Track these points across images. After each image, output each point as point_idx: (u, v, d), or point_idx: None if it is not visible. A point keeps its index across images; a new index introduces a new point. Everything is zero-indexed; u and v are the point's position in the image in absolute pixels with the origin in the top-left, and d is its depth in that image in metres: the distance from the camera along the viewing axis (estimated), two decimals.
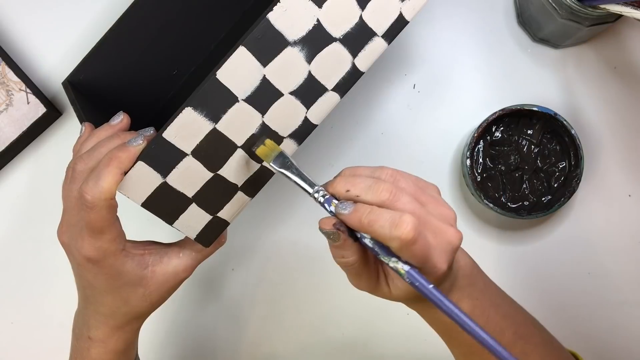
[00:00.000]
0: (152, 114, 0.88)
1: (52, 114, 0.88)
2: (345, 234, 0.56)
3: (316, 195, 0.58)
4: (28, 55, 0.91)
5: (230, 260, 0.93)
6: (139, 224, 0.71)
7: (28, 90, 0.86)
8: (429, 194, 0.58)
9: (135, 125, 0.67)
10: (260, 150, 0.62)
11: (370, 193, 0.55)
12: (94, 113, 0.77)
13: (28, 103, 0.86)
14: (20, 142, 0.89)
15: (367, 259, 0.59)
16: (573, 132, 0.83)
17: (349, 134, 0.91)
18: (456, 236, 0.57)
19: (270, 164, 0.61)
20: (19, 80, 0.86)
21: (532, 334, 0.70)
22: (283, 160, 0.61)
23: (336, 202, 0.57)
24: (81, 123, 0.70)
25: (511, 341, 0.66)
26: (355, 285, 0.61)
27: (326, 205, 0.57)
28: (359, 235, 0.56)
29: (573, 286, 0.91)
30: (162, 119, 0.61)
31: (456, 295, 0.63)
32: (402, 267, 0.54)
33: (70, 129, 0.92)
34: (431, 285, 0.53)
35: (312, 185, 0.59)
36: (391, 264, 0.55)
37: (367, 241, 0.56)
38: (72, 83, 0.81)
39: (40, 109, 0.86)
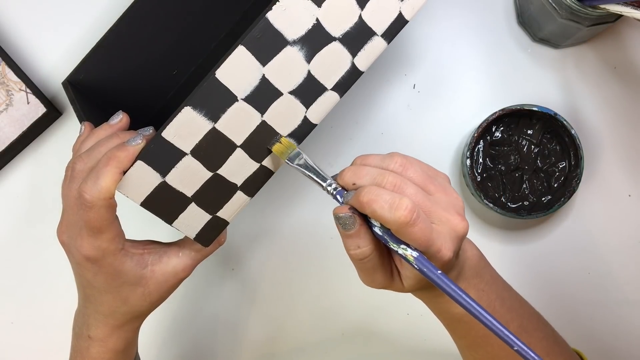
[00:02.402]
0: (152, 114, 0.88)
1: (52, 114, 0.88)
2: (360, 218, 0.56)
3: (328, 188, 0.59)
4: (28, 55, 0.91)
5: (230, 260, 0.93)
6: (139, 224, 0.71)
7: (28, 90, 0.86)
8: (438, 182, 0.58)
9: (135, 125, 0.67)
10: (276, 148, 0.63)
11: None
12: (94, 113, 0.77)
13: (28, 103, 0.86)
14: (20, 142, 0.89)
15: (381, 251, 0.58)
16: (573, 132, 0.83)
17: (349, 134, 0.91)
18: (462, 225, 0.57)
19: (285, 161, 0.62)
20: (19, 80, 0.86)
21: (537, 328, 0.70)
22: (297, 156, 0.62)
23: (345, 192, 0.58)
24: (81, 123, 0.70)
25: (515, 333, 0.66)
26: (369, 282, 0.60)
27: (338, 196, 0.58)
28: (370, 224, 0.57)
29: (573, 286, 0.91)
30: (162, 118, 0.61)
31: (462, 285, 0.62)
32: (411, 254, 0.54)
33: (70, 129, 0.92)
34: (439, 272, 0.53)
35: (324, 179, 0.59)
36: (400, 251, 0.55)
37: (377, 229, 0.56)
38: (72, 83, 0.81)
39: (40, 109, 0.86)
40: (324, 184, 0.59)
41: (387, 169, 0.57)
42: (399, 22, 0.64)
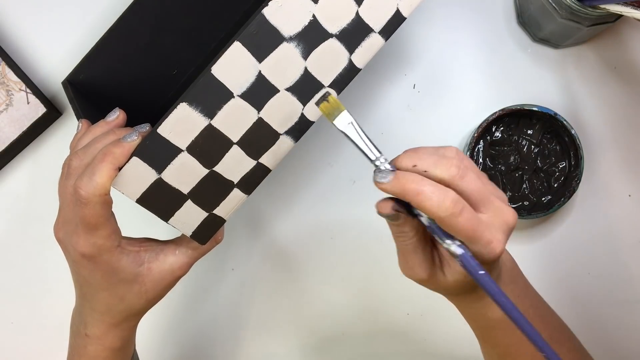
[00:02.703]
0: (152, 114, 0.88)
1: (52, 114, 0.89)
2: (404, 214, 0.55)
3: (377, 163, 0.55)
4: (28, 55, 0.91)
5: (230, 260, 0.93)
6: (136, 222, 0.71)
7: (28, 90, 0.86)
8: (484, 176, 0.58)
9: (134, 125, 0.67)
10: (323, 107, 0.58)
11: (439, 168, 0.54)
12: (94, 112, 0.77)
13: (28, 103, 0.86)
14: (20, 142, 0.89)
15: (425, 237, 0.57)
16: (573, 132, 0.83)
17: None
18: (514, 216, 0.56)
19: (333, 122, 0.57)
20: (19, 80, 0.86)
21: (567, 339, 0.70)
22: (345, 119, 0.57)
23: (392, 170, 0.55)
24: (79, 121, 0.70)
25: None
26: (408, 269, 0.58)
27: (384, 172, 0.55)
28: (415, 213, 0.55)
29: (573, 286, 0.90)
30: None
31: None
32: (456, 250, 0.53)
33: (70, 128, 0.92)
34: (482, 272, 0.53)
35: (375, 152, 0.56)
36: (445, 245, 0.54)
37: (424, 219, 0.55)
38: (72, 83, 0.82)
39: (40, 109, 0.87)
40: (373, 158, 0.56)
41: (445, 156, 0.55)
42: (397, 19, 0.64)
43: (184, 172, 0.61)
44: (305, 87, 0.63)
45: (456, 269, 0.57)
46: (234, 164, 0.63)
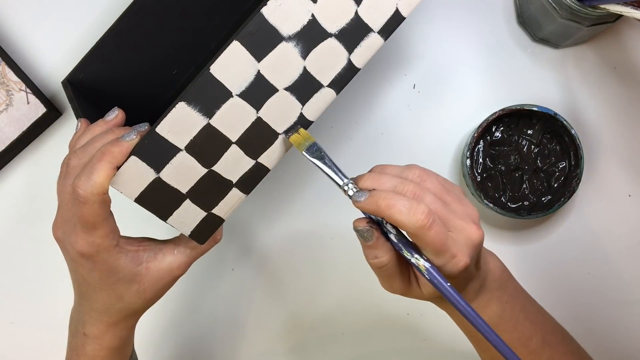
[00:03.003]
0: (152, 114, 0.87)
1: (52, 114, 0.89)
2: (378, 231, 0.58)
3: (346, 188, 0.59)
4: (28, 55, 0.91)
5: (230, 260, 0.93)
6: (134, 221, 0.71)
7: (28, 90, 0.86)
8: (454, 193, 0.60)
9: (133, 124, 0.67)
10: (293, 138, 0.63)
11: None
12: (94, 112, 0.77)
13: (28, 103, 0.86)
14: (20, 142, 0.89)
15: (399, 260, 0.59)
16: (573, 132, 0.83)
17: (349, 134, 0.90)
18: (477, 233, 0.58)
19: (303, 152, 0.61)
20: (19, 80, 0.86)
21: (561, 342, 0.70)
22: (316, 150, 0.61)
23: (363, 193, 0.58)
24: (78, 120, 0.70)
25: (539, 347, 0.67)
26: (388, 288, 0.62)
27: (356, 197, 0.58)
28: (385, 231, 0.58)
29: (573, 286, 0.90)
30: None
31: (485, 297, 0.64)
32: (423, 264, 0.56)
33: (70, 129, 0.92)
34: (448, 284, 0.55)
35: (342, 178, 0.59)
36: (413, 260, 0.56)
37: (392, 236, 0.58)
38: (72, 82, 0.82)
39: (40, 109, 0.87)
40: (341, 183, 0.59)
41: (407, 179, 0.58)
42: (396, 19, 0.64)
43: (183, 172, 0.61)
44: (304, 86, 0.63)
45: (427, 283, 0.59)
46: (233, 164, 0.63)
